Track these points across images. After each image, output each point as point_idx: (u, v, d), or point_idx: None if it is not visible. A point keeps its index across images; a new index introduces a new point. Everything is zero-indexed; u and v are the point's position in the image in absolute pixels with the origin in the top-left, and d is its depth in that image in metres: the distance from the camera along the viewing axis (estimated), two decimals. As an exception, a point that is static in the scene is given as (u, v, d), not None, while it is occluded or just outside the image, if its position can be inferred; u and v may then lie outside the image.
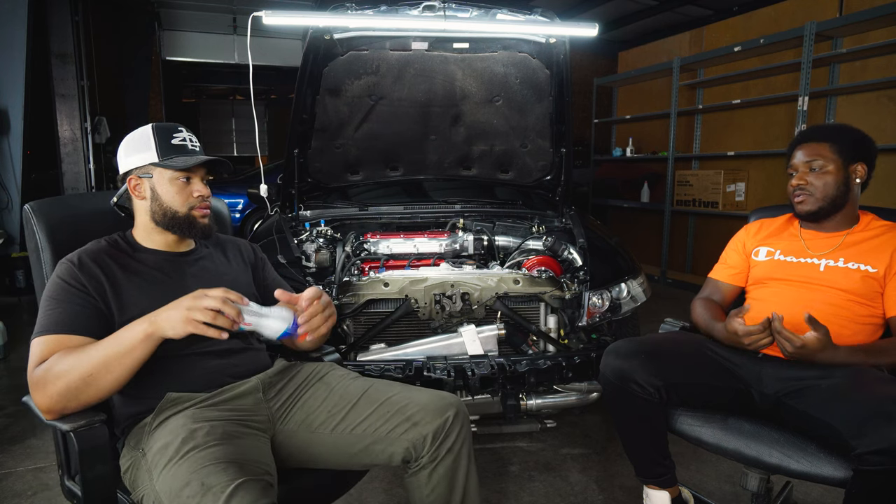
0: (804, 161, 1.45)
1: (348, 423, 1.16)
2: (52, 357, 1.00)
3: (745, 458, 1.27)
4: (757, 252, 1.57)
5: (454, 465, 1.13)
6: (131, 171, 1.21)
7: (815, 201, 1.44)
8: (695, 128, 5.07)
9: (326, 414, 1.18)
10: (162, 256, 1.24)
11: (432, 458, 1.12)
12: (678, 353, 1.44)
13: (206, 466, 0.92)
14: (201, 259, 1.30)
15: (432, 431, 1.12)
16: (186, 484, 0.90)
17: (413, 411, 1.14)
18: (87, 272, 1.10)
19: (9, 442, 2.19)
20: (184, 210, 1.21)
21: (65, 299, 1.07)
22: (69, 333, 1.04)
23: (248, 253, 1.42)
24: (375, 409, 1.16)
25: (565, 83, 2.23)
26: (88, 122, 5.07)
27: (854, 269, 1.38)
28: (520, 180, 2.68)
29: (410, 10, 1.98)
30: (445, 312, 1.95)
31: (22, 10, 3.98)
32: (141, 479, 1.01)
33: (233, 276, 1.33)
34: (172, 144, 1.20)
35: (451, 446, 1.13)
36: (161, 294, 1.15)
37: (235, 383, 1.18)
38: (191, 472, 0.92)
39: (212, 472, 0.91)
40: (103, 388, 1.00)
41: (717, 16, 6.33)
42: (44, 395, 0.98)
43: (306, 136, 2.31)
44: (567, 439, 2.23)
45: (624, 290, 2.07)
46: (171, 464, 0.95)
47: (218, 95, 13.20)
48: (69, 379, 0.98)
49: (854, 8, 3.76)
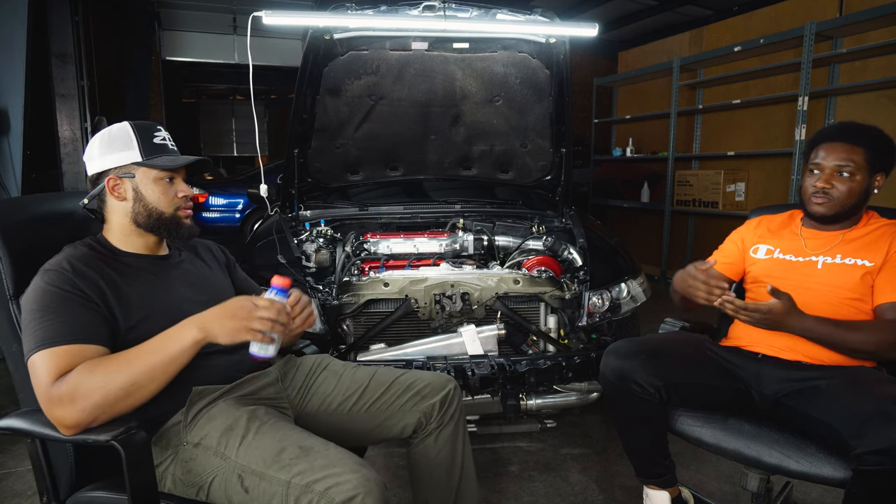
0: (835, 164, 1.37)
1: (363, 404, 1.28)
2: (77, 370, 0.95)
3: (745, 459, 1.27)
4: (756, 249, 1.56)
5: (455, 430, 1.30)
6: (109, 170, 1.16)
7: (833, 206, 1.39)
8: (695, 128, 5.07)
9: (342, 397, 1.29)
10: (146, 260, 1.21)
11: (439, 424, 1.28)
12: (678, 353, 1.43)
13: (294, 433, 1.02)
14: (182, 262, 1.28)
15: (439, 400, 1.28)
16: (282, 449, 0.97)
17: (420, 386, 1.29)
18: (84, 278, 1.05)
19: (9, 442, 2.19)
20: (170, 211, 1.19)
21: (65, 308, 1.01)
22: (81, 343, 0.99)
23: (219, 255, 1.42)
24: (387, 389, 1.29)
25: (565, 83, 2.23)
26: (88, 122, 5.07)
27: (851, 265, 1.37)
28: (520, 180, 2.68)
29: (410, 10, 1.98)
30: (445, 312, 1.95)
31: (22, 9, 3.98)
32: (202, 466, 1.02)
33: (216, 278, 1.33)
34: (155, 143, 1.18)
35: (453, 413, 1.30)
36: (159, 298, 1.15)
37: (256, 373, 1.21)
38: (279, 439, 0.99)
39: (303, 437, 1.01)
40: (144, 396, 0.99)
41: (717, 16, 6.32)
42: (73, 409, 0.93)
43: (306, 136, 2.31)
44: (567, 439, 2.23)
45: (624, 290, 2.07)
46: (249, 439, 1.01)
47: (218, 95, 13.20)
48: (108, 391, 0.94)
49: (854, 8, 3.75)
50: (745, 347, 1.47)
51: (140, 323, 1.08)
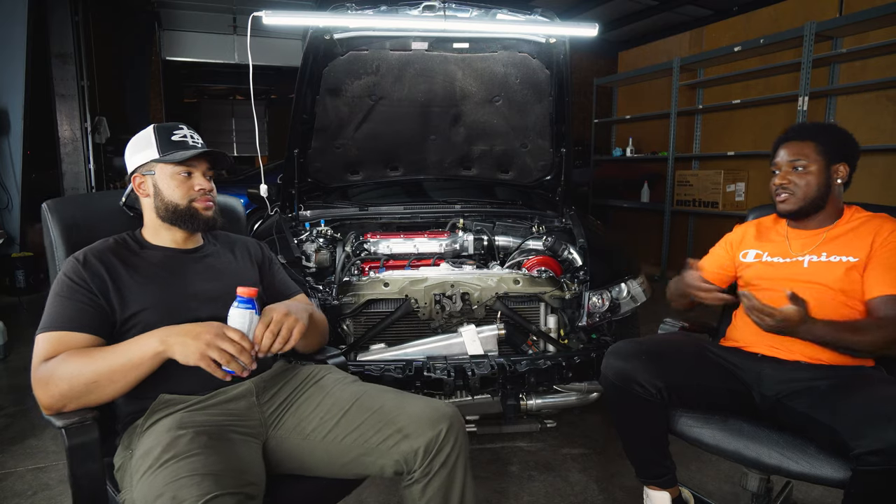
0: (788, 160, 1.44)
1: (339, 432, 1.13)
2: (58, 357, 1.02)
3: (745, 459, 1.27)
4: (745, 254, 1.57)
5: (448, 480, 1.08)
6: (136, 169, 1.24)
7: (796, 201, 1.43)
8: (695, 128, 5.07)
9: (318, 420, 1.16)
10: (168, 253, 1.25)
11: (425, 473, 1.07)
12: (679, 354, 1.44)
13: (181, 479, 0.91)
14: (207, 256, 1.30)
15: (424, 445, 1.07)
16: (159, 495, 0.89)
17: (404, 423, 1.10)
18: (90, 269, 1.12)
19: (9, 442, 2.19)
20: (184, 202, 1.22)
21: (69, 296, 1.09)
22: (72, 331, 1.06)
23: (255, 252, 1.42)
24: (367, 419, 1.13)
25: (565, 83, 2.23)
26: (88, 122, 5.08)
27: (836, 262, 1.38)
28: (520, 180, 2.68)
29: (410, 10, 1.98)
30: (445, 312, 1.95)
31: (22, 9, 3.99)
32: (126, 482, 1.03)
33: (238, 273, 1.32)
34: (172, 141, 1.23)
35: (445, 461, 1.08)
36: (161, 291, 1.17)
37: (229, 386, 1.17)
38: (165, 483, 0.91)
39: (185, 484, 0.89)
40: (106, 395, 1.03)
41: (717, 16, 6.33)
42: (45, 392, 1.01)
43: (306, 136, 2.31)
44: (567, 439, 2.23)
45: (624, 290, 2.07)
46: (150, 471, 0.95)
47: (218, 95, 13.20)
48: (73, 383, 1.00)
49: (854, 8, 3.75)
50: (745, 348, 1.47)
51: (135, 314, 1.12)
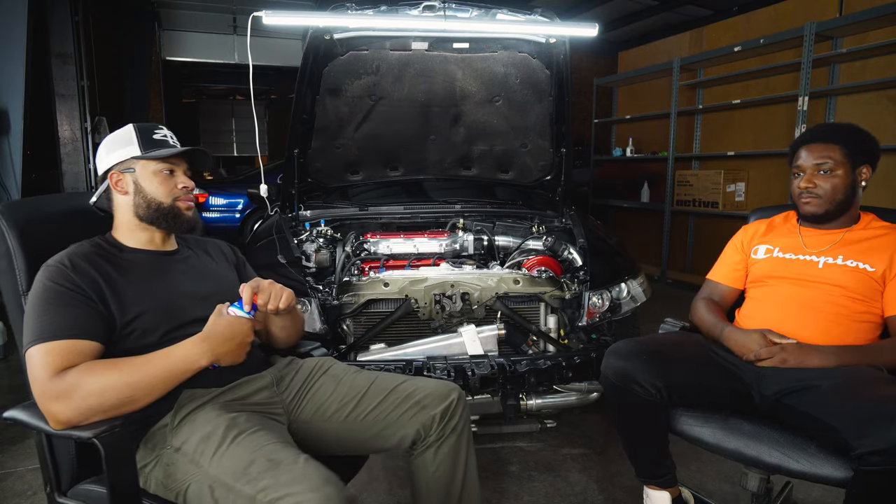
0: (813, 163, 1.42)
1: (360, 412, 1.23)
2: (78, 369, 0.98)
3: (745, 458, 1.27)
4: (756, 250, 1.57)
5: (457, 444, 1.22)
6: (112, 167, 1.21)
7: (822, 204, 1.42)
8: (695, 128, 5.07)
9: (338, 404, 1.24)
10: (149, 255, 1.23)
11: (438, 437, 1.20)
12: (680, 353, 1.43)
13: (267, 445, 0.98)
14: (188, 258, 1.30)
15: (440, 412, 1.20)
16: (252, 462, 0.94)
17: (420, 396, 1.22)
18: (81, 274, 1.08)
19: (9, 442, 2.19)
20: (168, 201, 1.21)
21: (63, 303, 1.04)
22: (76, 338, 1.01)
23: (230, 254, 1.43)
24: (385, 398, 1.23)
25: (565, 83, 2.23)
26: (88, 122, 5.07)
27: (853, 267, 1.38)
28: (520, 180, 2.68)
29: (410, 10, 1.98)
30: (445, 312, 1.95)
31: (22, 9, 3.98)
32: (181, 472, 1.02)
33: (221, 273, 1.34)
34: (154, 139, 1.22)
35: (455, 426, 1.22)
36: (155, 293, 1.15)
37: (250, 377, 1.20)
38: (251, 451, 0.96)
39: (275, 449, 0.97)
40: (137, 406, 1.01)
41: (717, 16, 6.33)
42: (68, 406, 0.95)
43: (306, 136, 2.31)
44: (567, 439, 2.23)
45: (624, 290, 2.07)
46: (223, 448, 0.99)
47: (218, 95, 13.21)
48: (104, 397, 0.97)
49: (854, 8, 3.76)
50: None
51: (135, 318, 1.10)
